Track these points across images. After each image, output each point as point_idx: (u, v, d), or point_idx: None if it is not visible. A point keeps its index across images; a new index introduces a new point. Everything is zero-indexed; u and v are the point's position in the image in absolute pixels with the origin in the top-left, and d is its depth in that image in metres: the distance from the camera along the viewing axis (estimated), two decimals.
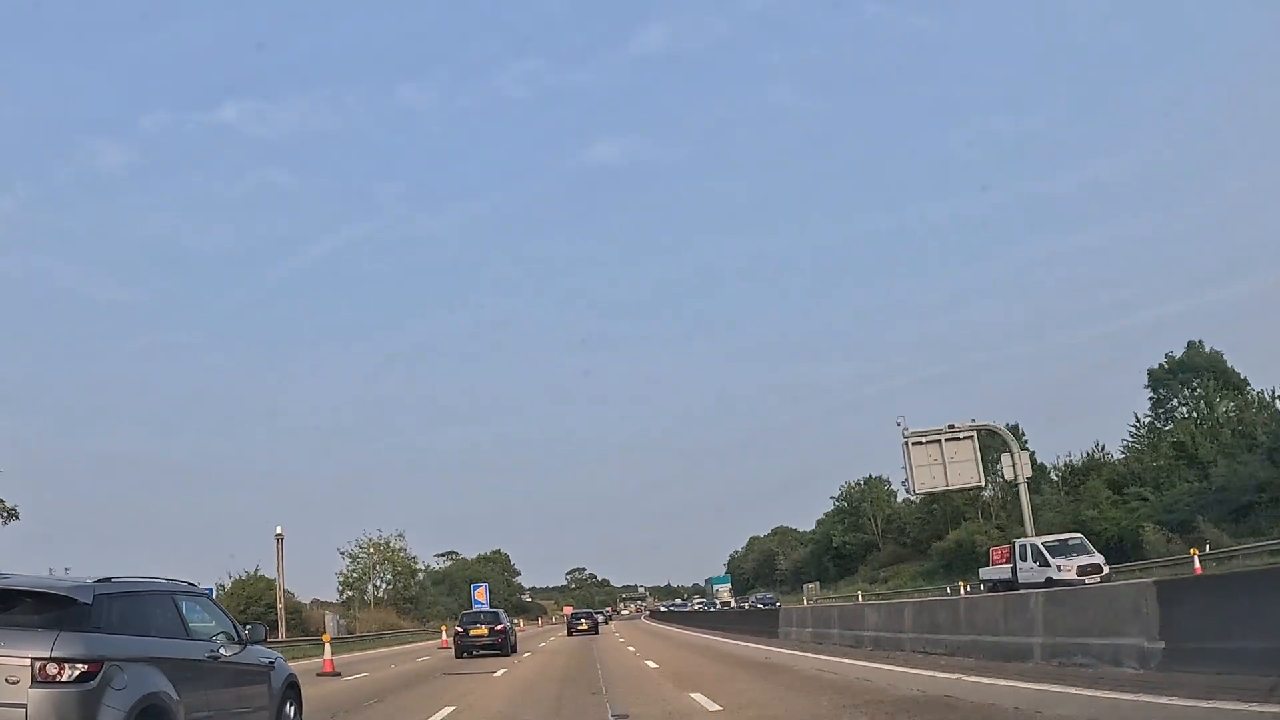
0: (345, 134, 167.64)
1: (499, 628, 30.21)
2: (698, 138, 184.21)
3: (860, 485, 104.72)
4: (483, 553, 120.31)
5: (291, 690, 9.51)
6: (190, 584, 8.68)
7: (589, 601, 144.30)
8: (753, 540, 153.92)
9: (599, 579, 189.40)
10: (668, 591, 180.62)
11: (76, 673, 6.26)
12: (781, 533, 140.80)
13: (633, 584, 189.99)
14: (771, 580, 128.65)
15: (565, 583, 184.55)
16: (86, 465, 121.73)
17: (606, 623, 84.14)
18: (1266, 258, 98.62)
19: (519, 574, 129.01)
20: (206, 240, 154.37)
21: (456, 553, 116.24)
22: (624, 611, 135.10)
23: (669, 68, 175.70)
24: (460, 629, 30.74)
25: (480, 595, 71.31)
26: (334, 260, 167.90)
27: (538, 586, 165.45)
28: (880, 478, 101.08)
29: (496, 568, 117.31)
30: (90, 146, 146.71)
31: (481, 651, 29.40)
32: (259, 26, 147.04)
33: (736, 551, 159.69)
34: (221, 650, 8.29)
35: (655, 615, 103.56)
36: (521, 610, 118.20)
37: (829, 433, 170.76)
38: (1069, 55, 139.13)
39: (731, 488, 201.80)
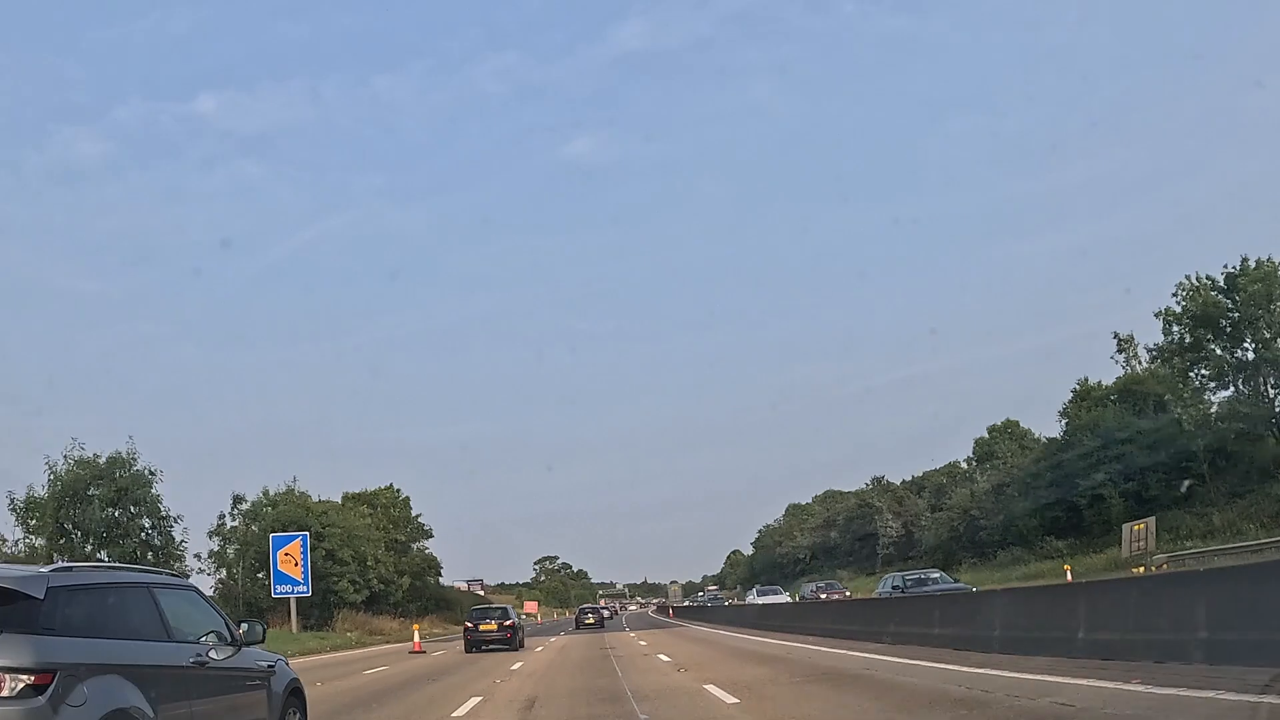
0: (321, 127, 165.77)
1: (508, 623, 30.95)
2: (675, 135, 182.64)
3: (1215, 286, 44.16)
4: (357, 490, 66.74)
5: (295, 698, 8.19)
6: (173, 574, 7.34)
7: (562, 597, 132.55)
8: (795, 509, 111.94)
9: (574, 570, 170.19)
10: (646, 589, 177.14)
11: (21, 685, 4.96)
12: (830, 495, 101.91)
13: (609, 580, 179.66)
14: (830, 563, 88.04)
15: (534, 574, 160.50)
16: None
17: (612, 618, 78.65)
18: None
19: (429, 535, 73.01)
20: (179, 232, 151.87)
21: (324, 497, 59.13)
22: (631, 608, 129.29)
23: (647, 65, 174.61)
24: (470, 624, 31.45)
25: (286, 563, 41.06)
26: (308, 253, 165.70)
27: (505, 583, 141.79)
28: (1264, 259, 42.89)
29: (374, 516, 62.99)
30: (63, 136, 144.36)
31: (491, 646, 30.20)
32: (235, 17, 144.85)
33: (769, 524, 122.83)
34: (211, 653, 6.96)
35: (678, 612, 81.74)
36: (440, 605, 73.67)
37: (811, 432, 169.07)
38: (1047, 57, 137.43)
39: (706, 488, 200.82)
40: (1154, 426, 47.14)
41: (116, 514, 39.97)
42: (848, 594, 52.58)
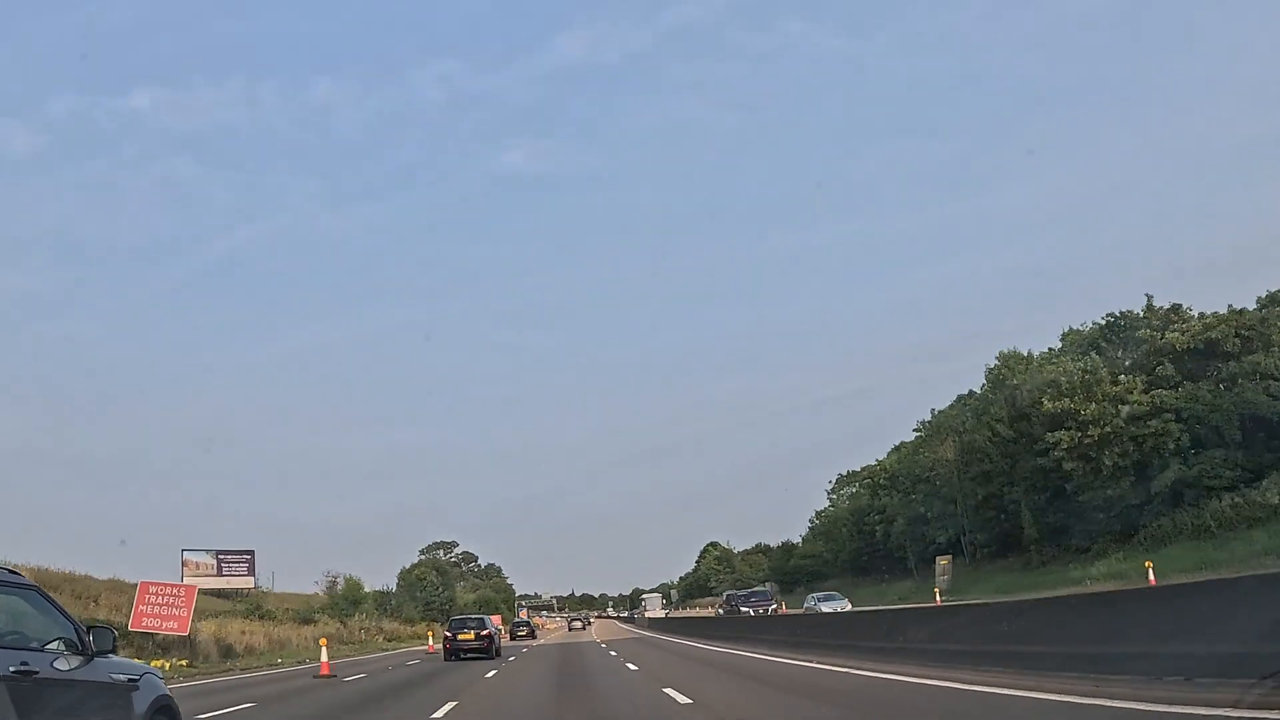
0: (256, 128, 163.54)
1: (485, 633, 32.01)
2: (614, 147, 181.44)
3: None
4: None
5: (163, 716, 7.29)
6: (10, 570, 6.46)
7: (432, 601, 77.30)
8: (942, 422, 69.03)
9: (481, 564, 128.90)
10: (578, 601, 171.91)
11: None
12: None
13: (533, 592, 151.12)
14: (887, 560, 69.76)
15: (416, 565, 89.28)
16: None
17: (585, 629, 65.85)
18: None
19: None
20: (111, 230, 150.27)
21: None
22: (594, 624, 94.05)
23: (586, 77, 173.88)
24: (449, 634, 32.16)
25: None
26: (240, 256, 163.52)
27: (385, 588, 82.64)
28: None
29: None
30: None
31: (469, 655, 30.67)
32: (173, 13, 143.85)
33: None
34: (56, 664, 6.11)
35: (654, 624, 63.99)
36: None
37: (741, 447, 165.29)
38: (981, 83, 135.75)
39: (640, 502, 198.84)
40: None
41: None
42: (776, 608, 47.71)
